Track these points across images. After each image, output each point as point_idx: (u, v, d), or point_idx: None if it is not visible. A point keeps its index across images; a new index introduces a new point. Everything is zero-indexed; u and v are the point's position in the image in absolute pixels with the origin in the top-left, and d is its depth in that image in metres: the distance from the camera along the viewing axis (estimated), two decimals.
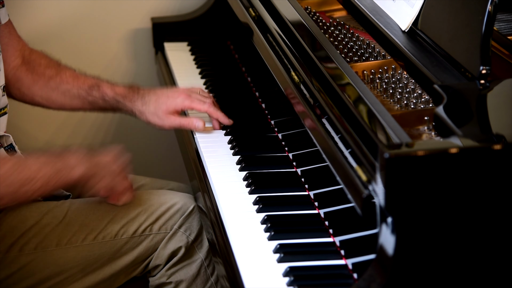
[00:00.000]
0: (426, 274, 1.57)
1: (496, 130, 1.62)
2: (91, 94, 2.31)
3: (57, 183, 1.98)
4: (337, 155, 1.72)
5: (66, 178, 1.99)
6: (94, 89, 2.31)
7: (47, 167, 1.96)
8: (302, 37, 2.06)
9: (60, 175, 1.97)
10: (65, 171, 1.99)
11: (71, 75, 2.34)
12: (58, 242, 2.08)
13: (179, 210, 2.17)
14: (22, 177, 1.93)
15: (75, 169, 2.00)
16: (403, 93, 1.82)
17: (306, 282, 1.72)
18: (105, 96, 2.30)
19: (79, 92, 2.32)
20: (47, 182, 1.96)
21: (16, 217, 2.08)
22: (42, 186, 1.95)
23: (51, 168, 1.96)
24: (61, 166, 1.98)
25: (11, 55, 2.30)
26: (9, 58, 2.30)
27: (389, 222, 1.55)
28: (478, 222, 1.56)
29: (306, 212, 1.95)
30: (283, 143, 2.24)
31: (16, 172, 1.92)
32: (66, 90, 2.32)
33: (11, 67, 2.31)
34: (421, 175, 1.52)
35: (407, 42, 1.97)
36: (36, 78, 2.33)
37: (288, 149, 2.21)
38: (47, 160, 1.97)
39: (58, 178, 1.97)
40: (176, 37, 2.94)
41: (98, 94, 2.30)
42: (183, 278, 2.18)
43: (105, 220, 2.12)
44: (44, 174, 1.95)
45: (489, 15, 1.75)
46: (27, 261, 2.07)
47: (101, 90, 2.31)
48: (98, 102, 2.31)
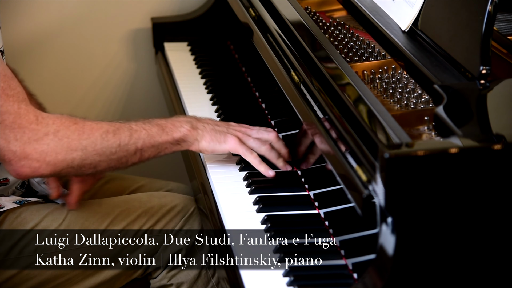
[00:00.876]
0: (426, 274, 1.57)
1: (496, 130, 1.62)
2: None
3: (162, 141, 1.98)
4: (337, 155, 1.72)
5: (172, 134, 1.99)
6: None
7: (147, 126, 1.98)
8: (302, 37, 2.06)
9: (166, 131, 1.99)
10: (171, 127, 2.00)
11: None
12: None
13: (179, 212, 2.17)
14: (112, 143, 1.93)
15: (182, 124, 2.01)
16: (403, 93, 1.82)
17: (306, 282, 1.72)
18: None
19: None
20: (150, 140, 1.97)
21: (16, 220, 2.08)
22: (145, 145, 1.96)
23: (152, 126, 1.98)
24: (165, 124, 2.00)
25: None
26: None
27: (389, 222, 1.55)
28: (478, 222, 1.56)
29: (306, 212, 1.95)
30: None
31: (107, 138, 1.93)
32: None
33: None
34: (421, 175, 1.52)
35: (407, 42, 1.97)
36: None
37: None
38: (146, 123, 1.99)
39: (164, 134, 1.98)
40: (176, 37, 2.94)
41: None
42: (184, 280, 2.17)
43: (105, 222, 2.11)
44: (143, 135, 1.96)
45: (489, 15, 1.75)
46: (27, 263, 2.06)
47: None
48: None
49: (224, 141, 2.05)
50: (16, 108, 1.86)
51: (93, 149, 1.91)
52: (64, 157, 1.89)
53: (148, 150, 1.98)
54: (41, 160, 1.88)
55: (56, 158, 1.89)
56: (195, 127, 2.03)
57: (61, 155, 1.89)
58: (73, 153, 1.90)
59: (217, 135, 2.04)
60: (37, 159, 1.87)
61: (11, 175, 1.94)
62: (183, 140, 2.02)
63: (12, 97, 1.86)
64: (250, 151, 2.05)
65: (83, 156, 1.91)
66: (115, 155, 1.94)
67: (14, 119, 1.85)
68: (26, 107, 1.87)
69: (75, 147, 1.90)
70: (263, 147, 2.06)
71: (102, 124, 1.94)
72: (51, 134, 1.88)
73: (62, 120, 1.90)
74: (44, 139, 1.87)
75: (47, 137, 1.87)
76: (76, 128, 1.91)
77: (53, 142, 1.88)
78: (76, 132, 1.90)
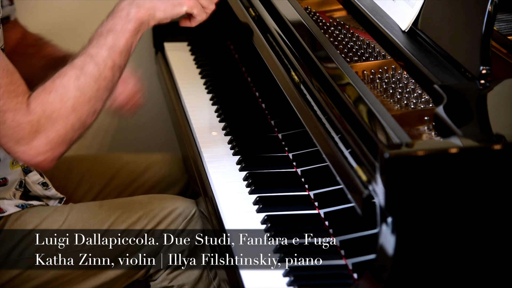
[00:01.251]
0: (426, 274, 1.57)
1: (496, 130, 1.62)
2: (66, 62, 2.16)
3: (124, 42, 1.92)
4: (337, 155, 1.72)
5: (127, 27, 1.92)
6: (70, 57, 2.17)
7: (102, 40, 1.92)
8: (302, 37, 2.06)
9: (121, 30, 1.92)
10: (122, 22, 1.92)
11: (51, 49, 2.33)
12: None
13: (180, 214, 2.16)
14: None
15: (128, 11, 1.92)
16: (403, 93, 1.82)
17: (306, 282, 1.72)
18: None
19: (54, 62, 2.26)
20: (115, 52, 1.91)
21: (16, 221, 2.08)
22: (115, 59, 1.91)
23: (107, 36, 1.92)
24: (114, 23, 1.92)
25: (10, 39, 2.29)
26: (7, 42, 2.27)
27: (389, 222, 1.55)
28: (478, 222, 1.56)
29: (306, 212, 1.95)
30: (283, 143, 2.24)
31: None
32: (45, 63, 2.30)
33: (7, 51, 2.29)
34: (421, 175, 1.52)
35: (407, 42, 1.97)
36: (22, 58, 2.27)
37: (288, 149, 2.21)
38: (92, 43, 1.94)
39: (121, 35, 1.92)
40: (176, 37, 2.94)
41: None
42: (185, 282, 2.17)
43: (105, 224, 2.11)
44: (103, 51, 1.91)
45: (489, 15, 1.75)
46: (28, 265, 2.06)
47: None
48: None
49: (179, 3, 1.96)
50: (14, 104, 1.85)
51: (79, 103, 1.87)
52: (65, 128, 1.87)
53: (120, 60, 1.92)
54: (49, 147, 1.86)
55: (59, 135, 1.86)
56: (141, 5, 1.93)
57: (61, 129, 1.86)
58: (68, 120, 1.87)
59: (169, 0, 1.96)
60: (46, 148, 1.85)
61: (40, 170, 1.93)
62: (140, 24, 1.93)
63: (13, 92, 1.86)
64: (204, 11, 2.02)
65: (77, 114, 1.88)
66: (99, 90, 1.90)
67: (13, 117, 1.85)
68: (22, 99, 1.86)
69: (65, 114, 1.86)
70: None
71: (68, 74, 1.89)
72: (43, 118, 1.85)
73: (40, 97, 1.87)
74: (41, 126, 1.85)
75: (40, 122, 1.85)
76: (54, 97, 1.87)
77: (48, 123, 1.85)
78: (56, 100, 1.86)
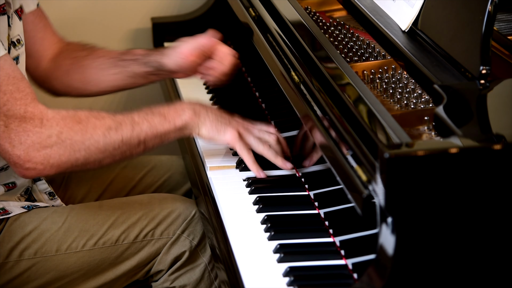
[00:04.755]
0: (426, 274, 1.57)
1: (496, 130, 1.62)
2: (124, 58, 2.30)
3: (164, 130, 2.00)
4: (337, 155, 1.72)
5: (174, 121, 2.01)
6: (126, 54, 2.32)
7: (150, 117, 2.00)
8: (302, 37, 2.06)
9: (168, 119, 2.01)
10: (174, 114, 2.02)
11: (104, 51, 2.35)
12: (58, 248, 2.07)
13: (180, 215, 2.16)
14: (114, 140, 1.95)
15: (184, 111, 2.03)
16: (403, 93, 1.82)
17: (306, 282, 1.72)
18: (136, 56, 2.29)
19: (111, 61, 2.30)
20: (152, 131, 1.99)
21: (15, 222, 2.08)
22: (148, 137, 1.99)
23: (154, 116, 2.00)
24: (168, 111, 2.02)
25: (48, 48, 2.31)
26: (45, 51, 2.30)
27: (389, 222, 1.55)
28: (478, 222, 1.56)
29: (306, 212, 1.95)
30: None
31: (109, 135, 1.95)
32: (100, 63, 2.31)
33: (48, 59, 2.31)
34: (421, 175, 1.52)
35: (407, 42, 1.97)
36: (72, 61, 2.32)
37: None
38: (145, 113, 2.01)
39: (166, 123, 2.00)
40: (176, 37, 2.92)
41: (130, 56, 2.30)
42: (186, 283, 2.17)
43: (105, 225, 2.11)
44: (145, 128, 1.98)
45: (489, 15, 1.75)
46: (27, 266, 2.06)
47: (132, 52, 2.31)
48: (130, 65, 2.29)
49: (223, 132, 2.05)
50: (22, 111, 1.88)
51: (96, 148, 1.93)
52: (68, 158, 1.91)
53: (151, 141, 2.00)
54: (45, 163, 1.90)
55: (59, 160, 1.91)
56: (198, 113, 2.04)
57: (64, 156, 1.91)
58: (76, 153, 1.92)
59: (218, 124, 2.05)
60: (41, 162, 1.89)
61: (19, 176, 1.95)
62: (185, 127, 2.03)
63: (20, 100, 1.88)
64: (246, 149, 2.05)
65: (86, 155, 1.93)
66: (118, 150, 1.96)
67: (19, 123, 1.87)
68: (33, 110, 1.89)
69: (78, 148, 1.91)
70: (261, 146, 2.06)
71: (104, 120, 1.95)
72: (54, 136, 1.89)
73: (66, 121, 1.92)
74: (48, 142, 1.89)
75: (50, 140, 1.89)
76: (80, 129, 1.92)
77: (56, 145, 1.90)
78: (79, 132, 1.92)
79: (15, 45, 2.07)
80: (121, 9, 3.00)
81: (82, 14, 2.96)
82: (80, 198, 2.36)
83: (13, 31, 2.05)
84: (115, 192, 2.39)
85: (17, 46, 2.07)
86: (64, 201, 2.26)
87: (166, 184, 2.43)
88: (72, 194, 2.36)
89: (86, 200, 2.36)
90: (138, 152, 2.00)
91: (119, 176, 2.41)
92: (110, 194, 2.38)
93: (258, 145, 2.06)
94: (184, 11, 3.00)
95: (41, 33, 2.29)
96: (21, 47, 2.09)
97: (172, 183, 2.44)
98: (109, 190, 2.39)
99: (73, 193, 2.36)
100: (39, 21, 2.27)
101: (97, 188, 2.38)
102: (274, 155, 2.07)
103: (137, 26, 3.02)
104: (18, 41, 2.07)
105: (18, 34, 2.08)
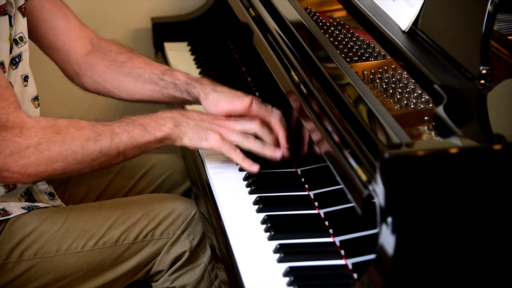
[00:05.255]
0: (426, 274, 1.57)
1: (496, 130, 1.62)
2: (163, 78, 2.25)
3: (144, 141, 2.00)
4: (337, 155, 1.72)
5: (155, 133, 2.01)
6: (166, 74, 2.26)
7: (130, 127, 1.99)
8: (302, 37, 2.06)
9: (148, 130, 2.00)
10: (155, 125, 2.01)
11: (144, 61, 2.30)
12: (58, 248, 2.07)
13: (181, 215, 2.16)
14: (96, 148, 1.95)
15: (165, 122, 2.02)
16: (403, 93, 1.82)
17: (306, 282, 1.72)
18: (177, 80, 2.24)
19: (151, 77, 2.27)
20: (132, 142, 1.98)
21: (15, 223, 2.07)
22: (127, 148, 1.98)
23: (135, 127, 1.99)
24: (149, 122, 2.01)
25: (75, 41, 2.29)
26: (73, 44, 2.28)
27: (389, 222, 1.55)
28: (478, 222, 1.56)
29: (306, 212, 1.95)
30: None
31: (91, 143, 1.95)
32: (139, 75, 2.28)
33: (79, 54, 2.29)
34: (421, 175, 1.52)
35: (407, 42, 1.97)
36: (108, 64, 2.30)
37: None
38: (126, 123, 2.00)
39: (147, 134, 1.99)
40: (176, 37, 2.94)
41: (170, 78, 2.25)
42: (186, 283, 2.16)
43: (105, 225, 2.11)
44: (124, 139, 1.98)
45: (489, 15, 1.75)
46: (28, 267, 2.06)
47: (173, 75, 2.25)
48: (168, 88, 2.25)
49: (205, 138, 2.04)
50: (4, 120, 1.89)
51: (73, 159, 1.94)
52: (45, 169, 1.93)
53: (131, 152, 2.00)
54: (22, 172, 1.91)
55: (37, 170, 1.92)
56: (178, 124, 2.03)
57: (41, 167, 1.92)
58: (54, 164, 1.93)
59: (199, 131, 2.04)
60: (19, 171, 1.91)
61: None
62: (166, 138, 2.03)
63: (3, 109, 1.89)
64: (232, 149, 2.04)
65: (64, 166, 1.94)
66: (97, 161, 1.97)
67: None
68: (14, 119, 1.90)
69: (55, 159, 1.93)
70: (246, 141, 2.05)
71: (83, 131, 1.96)
72: (32, 147, 1.90)
73: (45, 131, 1.92)
74: (26, 152, 1.90)
75: (28, 150, 1.90)
76: (58, 139, 1.93)
77: (34, 155, 1.91)
78: (57, 143, 1.92)
79: (18, 42, 2.06)
80: (121, 9, 3.00)
81: (82, 14, 2.94)
82: (80, 197, 2.36)
83: (16, 29, 2.05)
84: (115, 191, 2.39)
85: (20, 43, 2.07)
86: (64, 201, 2.26)
87: (165, 183, 2.43)
88: (72, 194, 2.36)
89: (86, 199, 2.36)
90: (117, 162, 2.01)
91: (119, 175, 2.41)
92: (110, 193, 2.38)
93: (243, 141, 2.05)
94: (184, 11, 3.01)
95: (63, 23, 2.26)
96: (24, 45, 2.08)
97: (171, 182, 2.43)
98: (109, 189, 2.39)
99: (72, 193, 2.36)
100: (58, 9, 2.24)
101: (97, 187, 2.38)
102: (261, 147, 2.05)
103: (137, 26, 3.02)
104: (20, 39, 2.07)
105: (21, 32, 2.07)
